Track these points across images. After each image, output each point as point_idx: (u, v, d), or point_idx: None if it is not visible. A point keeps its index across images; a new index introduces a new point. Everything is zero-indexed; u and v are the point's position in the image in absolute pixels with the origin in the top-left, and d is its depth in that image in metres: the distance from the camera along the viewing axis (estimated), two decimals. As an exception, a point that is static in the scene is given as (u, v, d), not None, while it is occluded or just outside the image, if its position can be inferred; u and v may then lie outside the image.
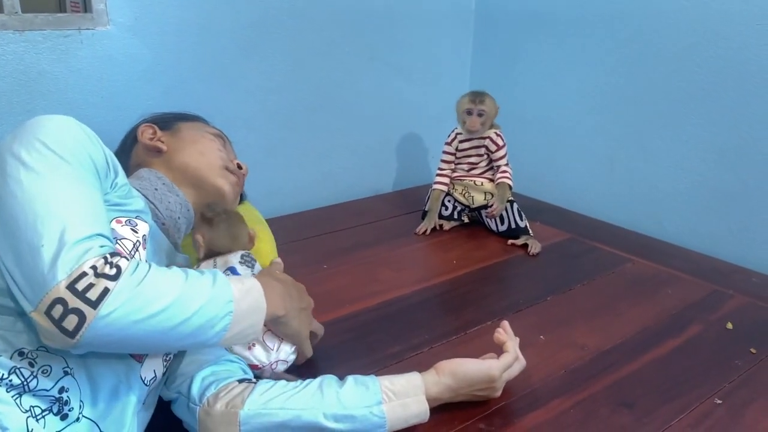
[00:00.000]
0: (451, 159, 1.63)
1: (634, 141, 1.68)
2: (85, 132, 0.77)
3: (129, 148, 1.12)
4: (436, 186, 1.64)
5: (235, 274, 0.90)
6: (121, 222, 0.80)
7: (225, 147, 1.15)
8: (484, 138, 1.56)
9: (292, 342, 0.92)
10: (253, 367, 0.90)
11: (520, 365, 0.94)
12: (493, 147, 1.56)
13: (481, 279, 1.36)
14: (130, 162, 1.11)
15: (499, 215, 1.56)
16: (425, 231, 1.60)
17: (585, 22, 1.72)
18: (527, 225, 1.55)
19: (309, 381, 0.84)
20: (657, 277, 1.37)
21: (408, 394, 0.83)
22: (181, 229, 0.99)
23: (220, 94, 1.54)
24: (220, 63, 1.51)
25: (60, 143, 0.71)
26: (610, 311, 1.22)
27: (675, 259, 1.46)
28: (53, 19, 1.26)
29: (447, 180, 1.64)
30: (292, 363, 0.94)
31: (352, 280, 1.33)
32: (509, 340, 0.94)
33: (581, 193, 1.84)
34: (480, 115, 1.52)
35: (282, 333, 0.90)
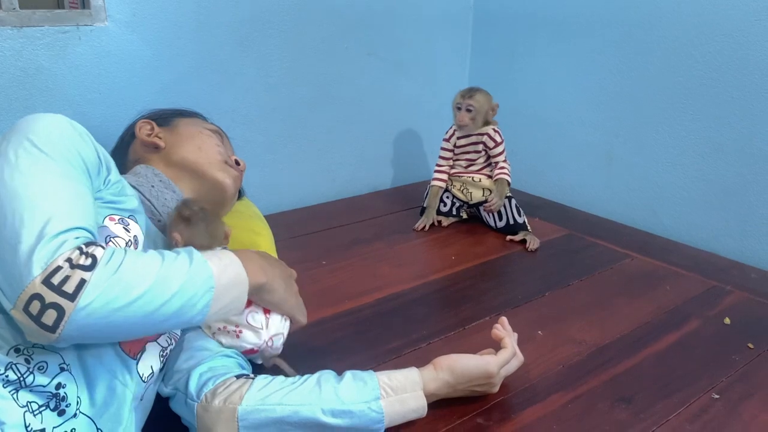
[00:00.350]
0: (449, 155, 1.63)
1: (632, 137, 1.68)
2: (76, 129, 0.77)
3: (127, 145, 1.12)
4: (434, 182, 1.64)
5: None
6: (115, 220, 0.80)
7: (223, 143, 1.15)
8: (482, 134, 1.56)
9: (281, 311, 0.90)
10: (249, 351, 0.88)
11: (518, 361, 0.94)
12: (491, 143, 1.56)
13: (480, 275, 1.36)
14: (128, 158, 1.11)
15: (498, 211, 1.57)
16: (424, 227, 1.60)
17: (583, 18, 1.72)
18: (525, 221, 1.55)
19: (307, 376, 0.84)
20: (655, 272, 1.37)
21: (406, 389, 0.84)
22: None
23: (218, 90, 1.53)
24: (219, 59, 1.51)
25: (48, 141, 0.72)
26: (608, 307, 1.22)
27: (673, 255, 1.46)
28: (51, 15, 1.25)
29: (445, 176, 1.64)
30: (287, 333, 0.91)
31: (351, 276, 1.33)
32: (507, 336, 0.94)
33: (580, 189, 1.84)
34: (469, 111, 1.52)
35: (268, 303, 0.87)
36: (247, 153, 1.54)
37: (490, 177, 1.60)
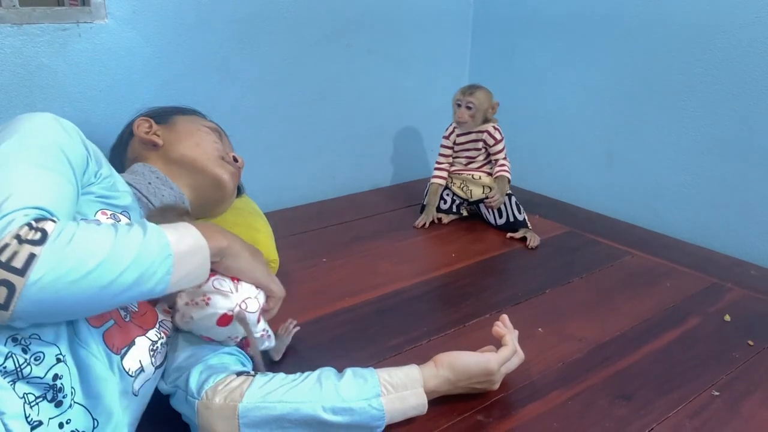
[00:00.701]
0: (449, 153, 1.63)
1: (633, 134, 1.68)
2: (61, 125, 0.78)
3: (126, 143, 1.12)
4: (434, 180, 1.64)
5: None
6: (107, 214, 0.80)
7: (221, 139, 1.15)
8: (482, 132, 1.56)
9: (251, 279, 0.85)
10: (223, 319, 0.82)
11: (519, 359, 0.94)
12: (491, 141, 1.56)
13: (480, 272, 1.36)
14: (127, 156, 1.11)
15: (498, 208, 1.57)
16: (424, 224, 1.60)
17: (583, 15, 1.71)
18: (526, 218, 1.55)
19: (308, 373, 0.84)
20: (655, 269, 1.37)
21: (406, 386, 0.84)
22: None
23: (218, 87, 1.53)
24: (219, 56, 1.51)
25: (30, 136, 0.73)
26: (608, 304, 1.22)
27: (673, 252, 1.46)
28: (51, 13, 1.25)
29: (445, 174, 1.64)
30: (263, 302, 0.86)
31: (351, 273, 1.33)
32: (508, 333, 0.94)
33: (580, 186, 1.84)
34: (468, 108, 1.52)
35: (235, 270, 0.83)
36: (247, 150, 1.54)
37: (489, 174, 1.60)
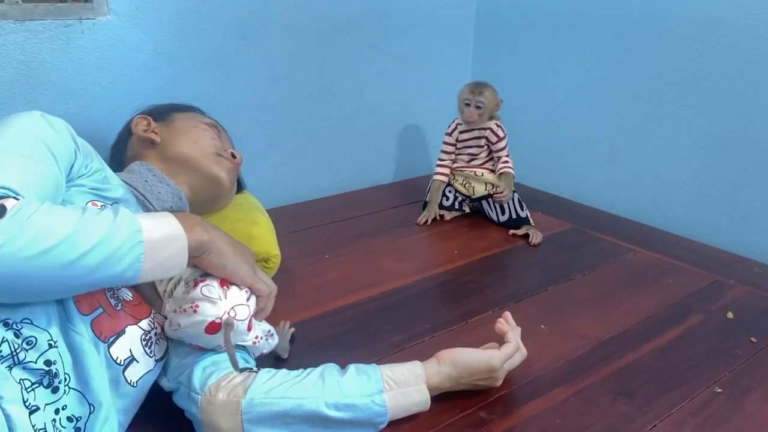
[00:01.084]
0: (451, 150, 1.63)
1: (635, 130, 1.67)
2: (48, 122, 0.79)
3: (125, 141, 1.12)
4: (436, 176, 1.64)
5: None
6: (98, 205, 0.80)
7: (219, 136, 1.15)
8: (485, 129, 1.56)
9: (237, 279, 0.82)
10: (211, 326, 0.79)
11: (522, 355, 0.94)
12: (493, 138, 1.56)
13: (482, 269, 1.36)
14: (126, 154, 1.11)
15: (501, 205, 1.56)
16: (426, 221, 1.60)
17: (586, 12, 1.71)
18: (528, 215, 1.55)
19: (311, 370, 0.84)
20: (658, 266, 1.37)
21: (409, 382, 0.84)
22: None
23: (220, 84, 1.53)
24: (221, 53, 1.51)
25: (13, 130, 0.74)
26: (610, 301, 1.22)
27: (676, 249, 1.46)
28: (54, 9, 1.25)
29: (447, 170, 1.64)
30: (253, 306, 0.84)
31: (354, 270, 1.33)
32: (511, 330, 0.94)
33: (582, 183, 1.84)
34: (478, 107, 1.52)
35: (218, 266, 0.80)
36: (249, 147, 1.54)
37: (492, 171, 1.60)
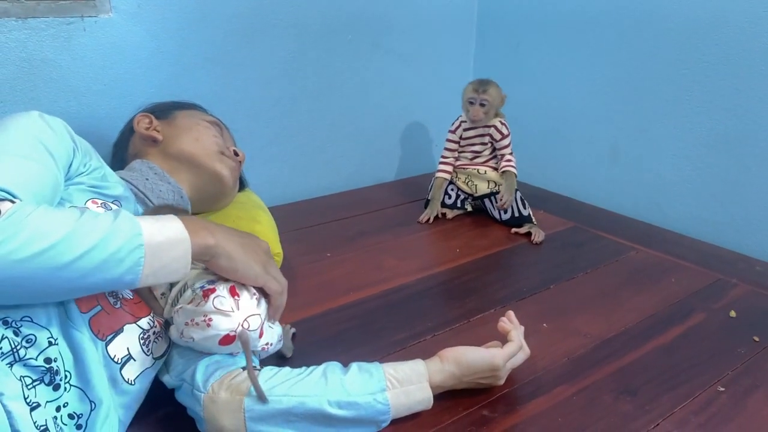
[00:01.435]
0: (454, 147, 1.63)
1: (638, 129, 1.67)
2: (46, 122, 0.79)
3: (126, 139, 1.13)
4: (439, 174, 1.64)
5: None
6: (97, 203, 0.81)
7: (221, 134, 1.15)
8: (489, 127, 1.56)
9: (248, 281, 0.80)
10: (226, 339, 0.77)
11: (524, 354, 0.94)
12: (497, 136, 1.56)
13: (485, 267, 1.36)
14: (128, 152, 1.11)
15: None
16: (428, 219, 1.60)
17: (588, 10, 1.71)
18: (530, 213, 1.55)
19: (313, 368, 0.84)
20: (660, 265, 1.37)
21: (412, 381, 0.84)
22: None
23: (222, 82, 1.53)
24: (223, 50, 1.51)
25: (11, 130, 0.74)
26: (613, 299, 1.22)
27: (678, 248, 1.46)
28: (56, 7, 1.25)
29: (450, 168, 1.64)
30: (265, 316, 0.82)
31: (356, 268, 1.33)
32: (514, 329, 0.94)
33: (585, 181, 1.83)
34: (483, 105, 1.52)
35: (230, 270, 0.78)
36: (251, 145, 1.54)
37: (495, 169, 1.60)
